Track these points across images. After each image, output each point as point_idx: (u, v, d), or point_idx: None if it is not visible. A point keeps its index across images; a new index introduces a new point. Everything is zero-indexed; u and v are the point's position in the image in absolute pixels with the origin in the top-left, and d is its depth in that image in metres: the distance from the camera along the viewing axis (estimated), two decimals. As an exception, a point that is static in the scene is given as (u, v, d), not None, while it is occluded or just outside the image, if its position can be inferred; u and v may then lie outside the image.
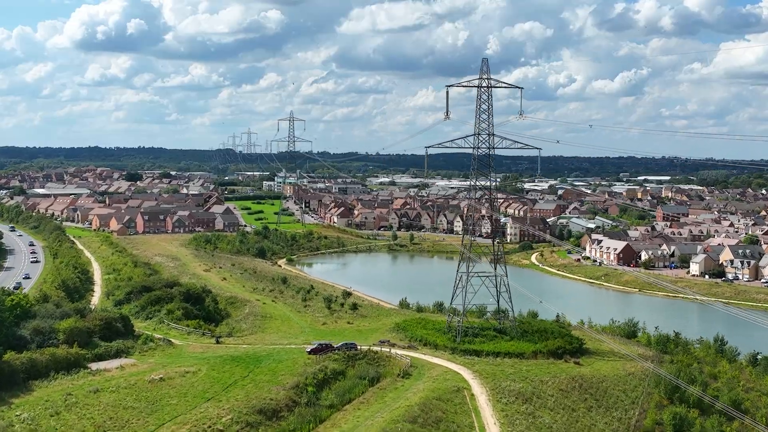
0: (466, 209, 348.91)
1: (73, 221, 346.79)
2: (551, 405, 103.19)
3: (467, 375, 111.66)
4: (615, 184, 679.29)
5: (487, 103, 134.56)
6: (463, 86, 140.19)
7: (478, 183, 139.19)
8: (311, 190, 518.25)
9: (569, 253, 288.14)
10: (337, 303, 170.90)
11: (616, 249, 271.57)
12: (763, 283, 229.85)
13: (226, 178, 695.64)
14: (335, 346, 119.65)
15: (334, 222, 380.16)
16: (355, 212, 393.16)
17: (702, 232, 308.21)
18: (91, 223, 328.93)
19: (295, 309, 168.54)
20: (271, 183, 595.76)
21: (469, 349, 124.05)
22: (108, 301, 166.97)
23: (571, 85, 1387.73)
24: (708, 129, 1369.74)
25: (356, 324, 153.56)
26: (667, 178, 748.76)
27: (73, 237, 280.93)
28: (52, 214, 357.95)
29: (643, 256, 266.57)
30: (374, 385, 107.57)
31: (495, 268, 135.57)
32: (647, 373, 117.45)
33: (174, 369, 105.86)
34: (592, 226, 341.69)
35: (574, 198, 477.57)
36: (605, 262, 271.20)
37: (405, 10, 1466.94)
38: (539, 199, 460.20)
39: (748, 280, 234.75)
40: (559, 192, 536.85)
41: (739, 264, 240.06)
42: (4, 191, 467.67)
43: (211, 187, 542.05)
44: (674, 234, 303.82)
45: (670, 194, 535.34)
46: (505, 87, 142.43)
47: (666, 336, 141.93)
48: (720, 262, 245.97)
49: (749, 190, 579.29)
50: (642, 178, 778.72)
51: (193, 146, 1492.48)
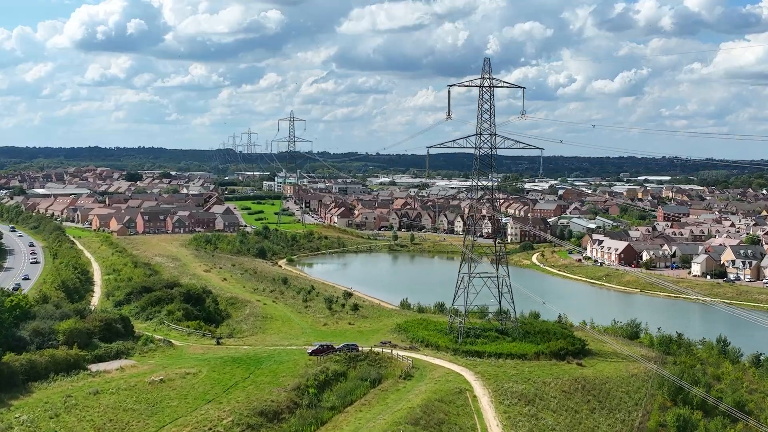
0: (467, 209, 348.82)
1: (73, 221, 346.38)
2: (554, 407, 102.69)
3: (469, 376, 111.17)
4: (615, 184, 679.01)
5: (489, 103, 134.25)
6: (465, 86, 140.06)
7: (479, 183, 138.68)
8: (311, 190, 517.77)
9: (570, 253, 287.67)
10: (338, 304, 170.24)
11: (617, 249, 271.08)
12: (764, 283, 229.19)
13: (226, 178, 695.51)
14: (336, 347, 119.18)
15: (334, 222, 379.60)
16: (356, 212, 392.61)
17: (703, 233, 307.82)
18: (91, 224, 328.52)
19: (296, 310, 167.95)
20: (272, 183, 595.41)
21: (471, 350, 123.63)
22: (108, 302, 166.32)
23: (571, 85, 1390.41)
24: (708, 129, 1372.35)
25: (357, 325, 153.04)
26: (668, 178, 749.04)
27: (73, 237, 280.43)
28: (52, 215, 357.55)
29: (645, 256, 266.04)
30: (376, 386, 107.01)
31: (497, 269, 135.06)
32: (650, 375, 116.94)
33: (174, 370, 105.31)
34: (593, 226, 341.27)
35: (575, 198, 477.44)
36: (606, 263, 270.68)
37: (405, 10, 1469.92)
38: (540, 199, 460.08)
39: (750, 281, 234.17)
40: (560, 192, 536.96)
41: (741, 264, 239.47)
42: (4, 191, 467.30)
43: (211, 187, 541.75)
44: (675, 234, 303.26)
45: (670, 194, 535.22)
46: (507, 87, 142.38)
47: (669, 337, 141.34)
48: (721, 262, 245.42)
49: (750, 190, 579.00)
50: (642, 178, 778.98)
51: (193, 146, 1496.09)
